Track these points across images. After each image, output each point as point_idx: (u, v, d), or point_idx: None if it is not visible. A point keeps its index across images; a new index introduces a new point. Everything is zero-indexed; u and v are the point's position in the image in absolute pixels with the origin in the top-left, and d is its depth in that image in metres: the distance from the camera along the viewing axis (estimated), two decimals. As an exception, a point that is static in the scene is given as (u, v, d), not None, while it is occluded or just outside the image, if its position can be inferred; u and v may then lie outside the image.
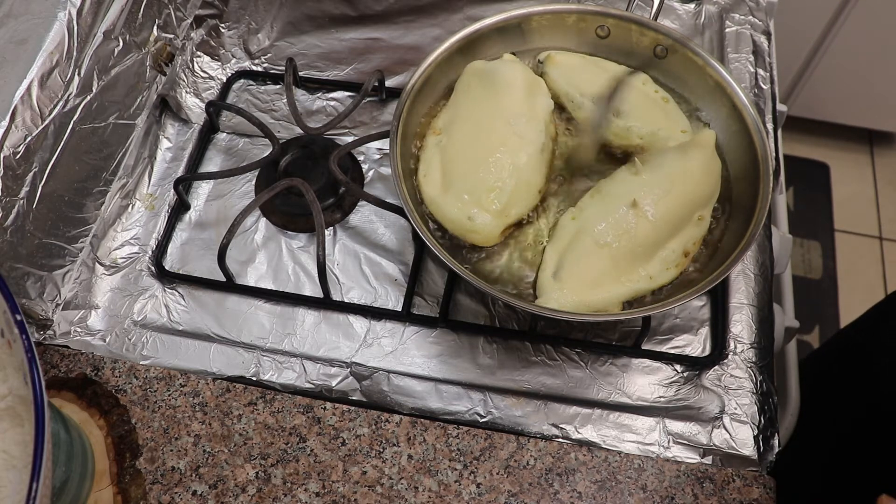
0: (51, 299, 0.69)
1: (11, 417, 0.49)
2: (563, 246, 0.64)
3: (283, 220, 0.76)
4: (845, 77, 1.65)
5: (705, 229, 0.65)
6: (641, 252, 0.63)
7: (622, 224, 0.62)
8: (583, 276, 0.62)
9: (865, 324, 0.89)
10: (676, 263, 0.64)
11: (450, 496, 0.61)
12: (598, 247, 0.62)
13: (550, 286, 0.62)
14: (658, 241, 0.63)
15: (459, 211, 0.64)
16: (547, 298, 0.61)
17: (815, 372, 0.90)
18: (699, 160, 0.65)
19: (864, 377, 0.81)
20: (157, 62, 0.80)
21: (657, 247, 0.63)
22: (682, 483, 0.61)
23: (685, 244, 0.64)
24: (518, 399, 0.65)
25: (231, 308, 0.71)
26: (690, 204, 0.64)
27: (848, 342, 0.93)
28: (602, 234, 0.62)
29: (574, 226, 0.65)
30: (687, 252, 0.64)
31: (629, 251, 0.62)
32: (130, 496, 0.60)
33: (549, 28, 0.74)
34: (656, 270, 0.63)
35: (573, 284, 0.62)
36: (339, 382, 0.66)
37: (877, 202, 1.85)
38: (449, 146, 0.68)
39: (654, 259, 0.63)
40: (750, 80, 0.81)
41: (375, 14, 0.88)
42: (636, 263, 0.63)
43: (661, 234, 0.63)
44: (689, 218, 0.65)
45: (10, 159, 0.61)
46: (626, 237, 0.62)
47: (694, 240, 0.65)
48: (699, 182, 0.65)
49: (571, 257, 0.63)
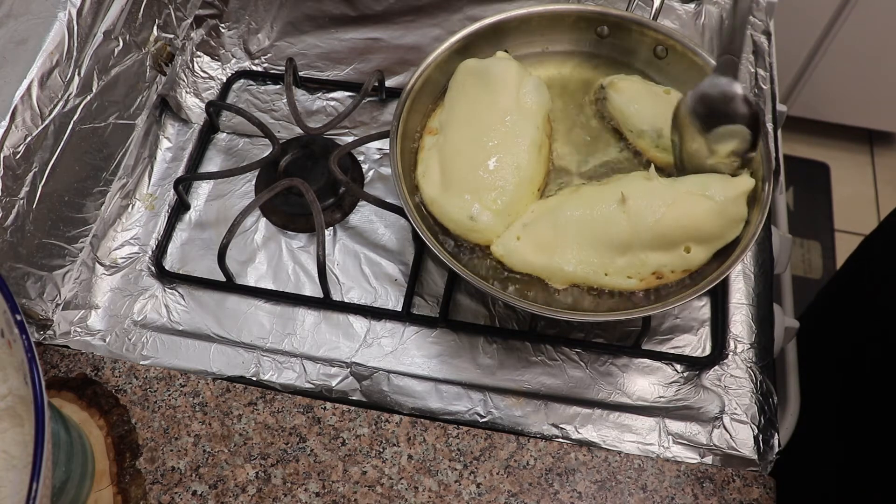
0: (51, 299, 0.69)
1: (11, 417, 0.49)
2: (546, 208, 0.64)
3: (283, 220, 0.76)
4: (845, 77, 1.65)
5: (691, 265, 0.62)
6: (608, 246, 0.62)
7: (603, 212, 0.62)
8: (542, 239, 0.63)
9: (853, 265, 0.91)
10: (642, 277, 0.62)
11: (450, 496, 0.61)
12: (571, 222, 0.62)
13: (512, 235, 0.64)
14: (629, 245, 0.61)
15: (461, 210, 0.64)
16: (501, 242, 0.64)
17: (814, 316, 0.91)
18: (718, 198, 0.60)
19: (864, 314, 0.82)
20: (157, 62, 0.80)
21: (626, 250, 0.61)
22: (682, 483, 0.61)
23: (661, 266, 0.62)
24: (518, 399, 0.65)
25: (231, 308, 0.71)
26: (682, 230, 0.61)
27: (842, 282, 0.94)
28: (580, 212, 0.62)
29: (565, 198, 0.65)
30: (660, 275, 0.62)
31: (596, 239, 0.62)
32: (130, 496, 0.60)
33: (549, 28, 0.74)
34: (615, 271, 0.62)
35: (529, 242, 0.63)
36: (339, 382, 0.66)
37: (877, 202, 1.85)
38: (446, 145, 0.68)
39: (618, 260, 0.62)
40: (750, 80, 0.81)
41: (375, 14, 0.88)
42: (596, 253, 0.62)
43: (636, 242, 0.61)
44: (676, 243, 0.61)
45: (10, 159, 0.61)
46: (600, 225, 0.62)
47: (673, 268, 0.62)
48: (704, 216, 0.60)
49: (545, 219, 0.63)
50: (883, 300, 0.79)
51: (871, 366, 0.79)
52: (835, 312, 0.93)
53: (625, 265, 0.62)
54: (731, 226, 0.62)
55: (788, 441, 0.70)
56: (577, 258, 0.62)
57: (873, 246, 0.88)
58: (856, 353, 0.83)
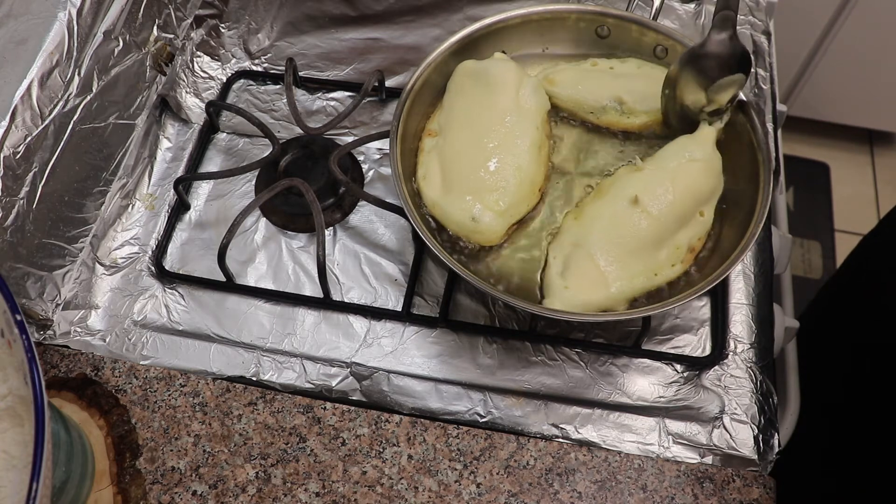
0: (51, 299, 0.69)
1: (11, 417, 0.49)
2: (567, 245, 0.64)
3: (283, 220, 0.76)
4: (845, 77, 1.65)
5: (709, 225, 0.65)
6: (645, 249, 0.62)
7: (624, 221, 0.62)
8: (587, 276, 0.62)
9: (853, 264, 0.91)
10: (682, 259, 0.64)
11: (450, 496, 0.61)
12: (602, 245, 0.62)
13: (557, 287, 0.62)
14: (661, 237, 0.63)
15: (463, 212, 0.64)
16: (553, 299, 0.62)
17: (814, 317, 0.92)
18: (700, 156, 0.65)
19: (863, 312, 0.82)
20: (157, 62, 0.80)
21: (661, 243, 0.63)
22: (682, 483, 0.61)
23: (690, 240, 0.64)
24: (518, 399, 0.65)
25: (231, 308, 0.71)
26: (692, 199, 0.64)
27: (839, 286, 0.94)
28: (605, 233, 0.62)
29: (577, 225, 0.64)
30: (692, 248, 0.64)
31: (632, 248, 0.62)
32: (130, 496, 0.60)
33: (549, 28, 0.74)
34: (661, 267, 0.63)
35: (578, 284, 0.62)
36: (339, 382, 0.66)
37: (877, 202, 1.85)
38: (446, 147, 0.68)
39: (659, 255, 0.63)
40: (750, 81, 0.81)
41: (375, 14, 0.88)
42: (640, 260, 0.62)
43: (665, 231, 0.63)
44: (692, 214, 0.64)
45: (10, 159, 0.61)
46: (628, 234, 0.62)
47: (699, 235, 0.65)
48: (700, 177, 0.65)
49: (576, 257, 0.63)
50: (884, 300, 0.79)
51: (871, 365, 0.79)
52: (835, 312, 0.93)
53: (666, 257, 0.63)
54: (718, 176, 0.66)
55: (788, 441, 0.70)
56: (629, 275, 0.62)
57: (873, 245, 0.89)
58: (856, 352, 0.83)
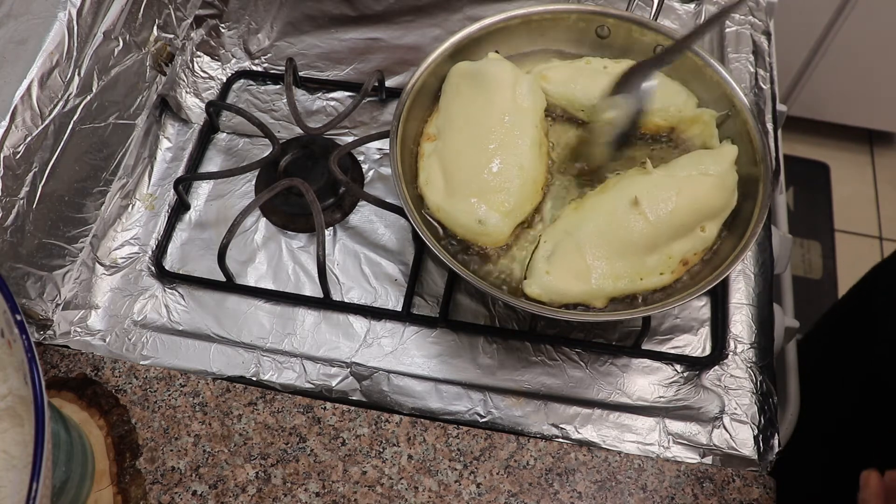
0: (51, 299, 0.69)
1: (11, 417, 0.49)
2: (560, 232, 0.64)
3: (283, 220, 0.76)
4: (845, 77, 1.65)
5: (709, 242, 0.64)
6: (635, 252, 0.62)
7: (620, 220, 0.62)
8: (572, 266, 0.62)
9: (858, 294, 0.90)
10: (672, 270, 0.63)
11: (450, 496, 0.61)
12: (592, 239, 0.62)
13: (539, 271, 0.62)
14: (654, 243, 0.62)
15: (469, 215, 0.64)
16: (532, 281, 0.62)
17: (812, 349, 0.91)
18: (714, 171, 0.64)
19: (862, 347, 0.81)
20: (157, 62, 0.80)
21: (653, 249, 0.62)
22: (682, 483, 0.61)
23: (685, 253, 0.63)
24: (518, 399, 0.65)
25: (231, 308, 0.71)
26: (695, 212, 0.63)
27: (843, 314, 0.94)
28: (598, 228, 0.62)
29: (574, 215, 0.64)
30: (686, 261, 0.63)
31: (622, 248, 0.62)
32: (130, 496, 0.60)
33: (550, 28, 0.74)
34: (648, 273, 0.62)
35: (560, 272, 0.62)
36: (339, 382, 0.66)
37: (877, 202, 1.85)
38: (446, 150, 0.67)
39: (648, 261, 0.62)
40: (750, 80, 0.81)
41: (375, 14, 0.88)
42: (627, 262, 0.62)
43: (659, 238, 0.62)
44: (692, 227, 0.63)
45: (10, 159, 0.61)
46: (621, 234, 0.62)
47: (695, 250, 0.64)
48: (710, 192, 0.63)
49: (565, 245, 0.63)
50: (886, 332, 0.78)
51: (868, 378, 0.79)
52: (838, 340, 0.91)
53: (655, 264, 0.63)
54: (731, 195, 0.65)
55: (788, 441, 0.70)
56: (613, 273, 0.62)
57: (878, 278, 0.87)
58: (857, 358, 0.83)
